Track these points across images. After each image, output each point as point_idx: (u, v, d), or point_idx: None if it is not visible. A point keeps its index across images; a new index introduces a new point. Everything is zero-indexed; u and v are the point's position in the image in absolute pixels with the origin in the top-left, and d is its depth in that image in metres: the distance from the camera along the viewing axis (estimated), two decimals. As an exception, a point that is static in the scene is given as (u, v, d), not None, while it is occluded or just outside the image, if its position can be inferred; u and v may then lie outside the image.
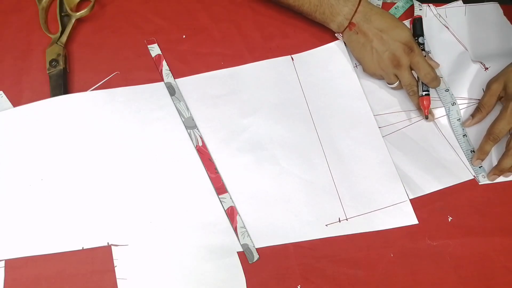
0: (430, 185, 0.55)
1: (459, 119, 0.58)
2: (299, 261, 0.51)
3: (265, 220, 0.53)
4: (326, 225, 0.53)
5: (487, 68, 0.59)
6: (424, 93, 0.57)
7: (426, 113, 0.57)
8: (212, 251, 0.51)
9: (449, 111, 0.59)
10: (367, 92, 0.60)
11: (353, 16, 0.57)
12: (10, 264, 0.50)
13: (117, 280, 0.49)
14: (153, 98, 0.58)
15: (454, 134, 0.58)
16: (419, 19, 0.61)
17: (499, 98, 0.57)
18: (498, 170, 0.55)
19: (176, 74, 0.60)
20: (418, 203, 0.54)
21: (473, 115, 0.58)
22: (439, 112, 0.59)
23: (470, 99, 0.59)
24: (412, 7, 0.65)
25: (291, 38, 0.63)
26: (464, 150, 0.57)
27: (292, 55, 0.61)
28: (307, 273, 0.51)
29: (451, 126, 0.59)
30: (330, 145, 0.57)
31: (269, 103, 0.59)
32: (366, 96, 0.59)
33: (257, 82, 0.60)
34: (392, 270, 0.51)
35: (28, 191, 0.53)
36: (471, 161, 0.57)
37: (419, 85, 0.58)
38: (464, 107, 0.59)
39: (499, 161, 0.55)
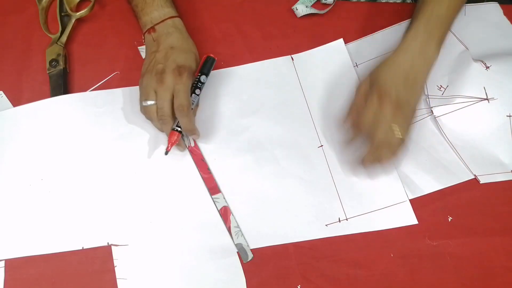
0: (430, 185, 0.55)
1: None
2: (299, 261, 0.51)
3: (265, 220, 0.53)
4: (326, 225, 0.53)
5: (488, 66, 0.59)
6: (177, 128, 0.52)
7: (168, 149, 0.53)
8: (212, 251, 0.51)
9: None
10: (367, 92, 0.60)
11: (158, 24, 0.56)
12: (10, 264, 0.50)
13: (117, 280, 0.50)
14: (153, 98, 0.58)
15: None
16: (212, 60, 0.57)
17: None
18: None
19: (176, 74, 0.60)
20: (418, 203, 0.54)
21: (347, 115, 0.56)
22: (438, 110, 0.59)
23: (472, 97, 0.59)
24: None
25: (291, 38, 0.63)
26: None
27: (292, 55, 0.61)
28: (307, 273, 0.51)
29: None
30: (330, 145, 0.57)
31: (269, 103, 0.59)
32: (366, 96, 0.59)
33: (257, 82, 0.60)
34: (392, 270, 0.51)
35: (28, 191, 0.53)
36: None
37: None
38: (465, 105, 0.59)
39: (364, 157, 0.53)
